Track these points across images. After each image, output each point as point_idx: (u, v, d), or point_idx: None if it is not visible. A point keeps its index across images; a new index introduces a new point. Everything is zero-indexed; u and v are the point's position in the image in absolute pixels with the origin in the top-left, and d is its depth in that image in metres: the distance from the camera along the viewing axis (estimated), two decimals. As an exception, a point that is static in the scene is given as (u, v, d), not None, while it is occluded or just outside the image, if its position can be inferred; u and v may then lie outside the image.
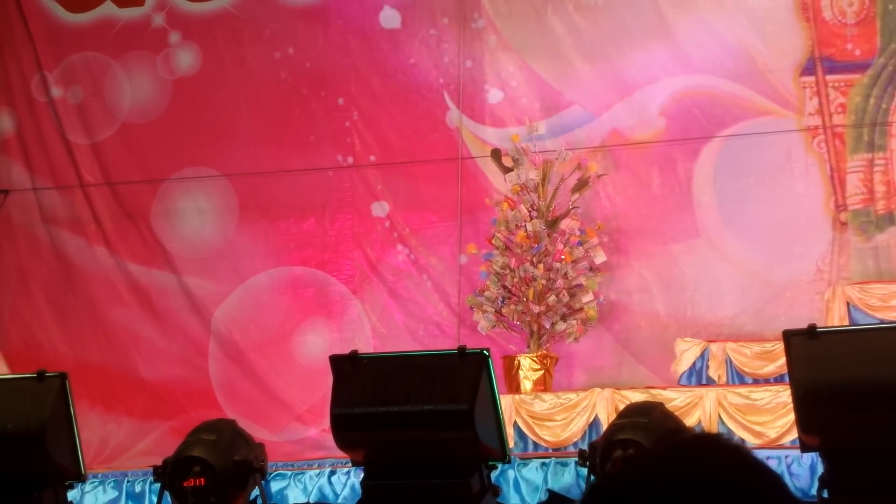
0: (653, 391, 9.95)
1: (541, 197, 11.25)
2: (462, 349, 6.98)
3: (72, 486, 7.30)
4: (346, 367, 7.02)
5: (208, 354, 12.38)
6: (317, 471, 9.21)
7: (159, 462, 7.03)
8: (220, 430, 7.04)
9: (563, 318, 11.10)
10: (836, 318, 10.54)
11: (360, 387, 6.91)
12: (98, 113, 12.86)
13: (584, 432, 9.90)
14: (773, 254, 11.29)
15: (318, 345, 12.07)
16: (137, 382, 12.39)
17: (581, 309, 11.14)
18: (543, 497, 8.75)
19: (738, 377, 10.57)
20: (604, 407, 9.87)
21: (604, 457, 6.61)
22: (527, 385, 10.87)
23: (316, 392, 11.70)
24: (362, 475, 7.04)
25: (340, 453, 7.78)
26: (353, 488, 8.87)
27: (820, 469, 6.81)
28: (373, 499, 6.98)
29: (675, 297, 11.51)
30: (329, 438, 7.50)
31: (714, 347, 10.71)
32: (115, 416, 12.31)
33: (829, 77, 11.32)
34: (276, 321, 12.33)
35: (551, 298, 11.04)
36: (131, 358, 12.49)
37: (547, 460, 8.92)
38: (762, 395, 9.71)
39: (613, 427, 6.85)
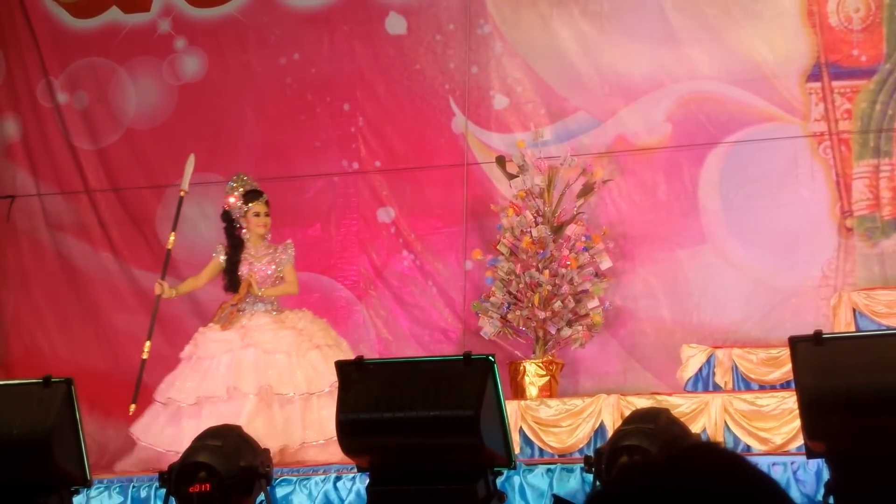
0: (658, 397, 9.93)
1: (546, 203, 11.24)
2: (467, 355, 6.96)
3: (77, 492, 7.29)
4: (352, 373, 7.01)
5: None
6: (322, 476, 9.20)
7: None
8: (226, 436, 7.04)
9: (569, 323, 11.09)
10: (842, 325, 10.52)
11: (366, 392, 6.90)
12: (103, 118, 12.86)
13: (590, 438, 9.88)
14: (778, 260, 11.27)
15: (323, 350, 12.04)
16: (141, 388, 12.35)
17: (587, 315, 11.14)
18: (549, 503, 8.74)
19: (743, 383, 10.54)
20: (609, 413, 9.85)
21: (609, 463, 6.60)
22: (532, 391, 10.87)
23: (321, 398, 11.69)
24: (368, 481, 7.03)
25: (346, 459, 7.78)
26: (358, 494, 8.86)
27: (826, 475, 6.79)
28: (378, 505, 6.98)
29: (680, 302, 11.50)
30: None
31: (720, 353, 10.68)
32: (114, 421, 12.26)
33: (834, 83, 11.31)
34: (281, 327, 12.30)
35: (557, 304, 11.03)
36: (134, 364, 12.46)
37: (552, 466, 8.89)
38: (768, 401, 9.69)
39: (619, 433, 6.84)
